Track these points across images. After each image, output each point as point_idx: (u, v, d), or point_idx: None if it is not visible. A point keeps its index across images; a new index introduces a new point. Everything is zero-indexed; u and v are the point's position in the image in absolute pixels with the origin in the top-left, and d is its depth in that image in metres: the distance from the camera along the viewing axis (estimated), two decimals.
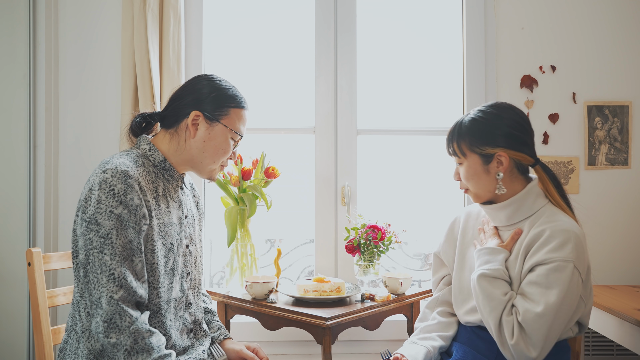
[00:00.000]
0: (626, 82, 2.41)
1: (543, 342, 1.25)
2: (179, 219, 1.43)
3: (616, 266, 2.39)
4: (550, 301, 1.24)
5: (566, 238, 1.28)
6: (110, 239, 1.23)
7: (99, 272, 1.22)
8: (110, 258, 1.23)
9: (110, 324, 1.21)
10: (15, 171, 2.24)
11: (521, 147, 1.38)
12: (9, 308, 2.23)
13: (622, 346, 2.18)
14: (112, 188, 1.25)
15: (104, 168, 1.28)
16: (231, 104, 1.41)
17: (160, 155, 1.39)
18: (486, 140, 1.37)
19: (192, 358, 1.40)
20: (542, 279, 1.27)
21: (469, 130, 1.39)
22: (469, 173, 1.40)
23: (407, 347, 1.49)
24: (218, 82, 1.43)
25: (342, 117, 2.39)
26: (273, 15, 2.53)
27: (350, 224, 2.20)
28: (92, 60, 2.35)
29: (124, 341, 1.22)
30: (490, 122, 1.38)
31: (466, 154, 1.40)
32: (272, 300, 1.85)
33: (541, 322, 1.24)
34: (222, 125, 1.40)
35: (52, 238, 2.29)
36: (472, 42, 2.41)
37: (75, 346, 1.31)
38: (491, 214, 1.43)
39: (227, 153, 1.43)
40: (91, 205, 1.25)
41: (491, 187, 1.39)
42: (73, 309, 1.35)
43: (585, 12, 2.42)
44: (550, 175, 1.40)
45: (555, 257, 1.26)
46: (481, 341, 1.41)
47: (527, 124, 1.41)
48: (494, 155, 1.36)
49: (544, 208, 1.38)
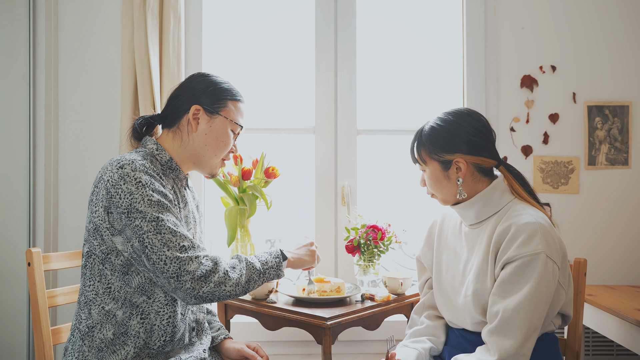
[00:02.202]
0: (626, 82, 2.41)
1: (524, 335, 1.25)
2: (186, 218, 1.45)
3: (616, 266, 2.39)
4: (524, 294, 1.26)
5: (532, 231, 1.29)
6: (161, 220, 1.26)
7: (166, 249, 1.24)
8: (172, 234, 1.26)
9: (203, 279, 1.26)
10: (15, 171, 2.24)
11: (480, 151, 1.41)
12: (9, 308, 2.23)
13: (622, 346, 2.18)
14: (138, 180, 1.27)
15: (120, 164, 1.29)
16: (228, 97, 1.45)
17: (167, 154, 1.42)
18: (444, 148, 1.41)
19: (193, 357, 1.41)
20: (514, 276, 1.28)
21: (428, 138, 1.43)
22: (432, 180, 1.45)
23: (398, 350, 1.51)
24: (213, 78, 1.47)
25: (342, 117, 2.39)
26: (273, 16, 2.53)
27: (350, 224, 2.20)
28: (92, 60, 2.35)
29: (223, 272, 1.29)
30: (447, 130, 1.42)
31: (426, 161, 1.44)
32: (272, 300, 1.85)
33: (519, 316, 1.26)
34: (222, 117, 1.43)
35: (52, 238, 2.29)
36: (472, 41, 2.41)
37: (80, 344, 1.32)
38: (461, 213, 1.46)
39: (228, 145, 1.46)
40: (122, 198, 1.26)
41: (454, 192, 1.43)
42: (79, 308, 1.36)
43: (586, 12, 2.42)
44: (515, 174, 1.44)
45: (525, 252, 1.28)
46: (469, 344, 1.43)
47: (485, 129, 1.44)
48: (452, 162, 1.40)
49: (510, 203, 1.40)
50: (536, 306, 1.26)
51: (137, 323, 1.32)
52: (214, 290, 1.27)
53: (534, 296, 1.26)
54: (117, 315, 1.31)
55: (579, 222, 2.38)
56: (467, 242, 1.45)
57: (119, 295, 1.32)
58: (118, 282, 1.32)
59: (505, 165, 1.45)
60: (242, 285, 1.32)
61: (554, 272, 1.29)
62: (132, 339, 1.31)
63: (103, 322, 1.31)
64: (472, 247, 1.43)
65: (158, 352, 1.35)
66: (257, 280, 1.36)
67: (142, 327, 1.32)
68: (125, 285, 1.32)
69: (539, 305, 1.26)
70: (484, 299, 1.36)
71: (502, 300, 1.29)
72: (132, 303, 1.32)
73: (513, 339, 1.25)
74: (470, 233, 1.45)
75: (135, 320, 1.32)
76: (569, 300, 1.40)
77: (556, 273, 1.30)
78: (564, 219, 2.37)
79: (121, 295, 1.31)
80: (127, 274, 1.32)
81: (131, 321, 1.32)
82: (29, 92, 2.24)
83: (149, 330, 1.33)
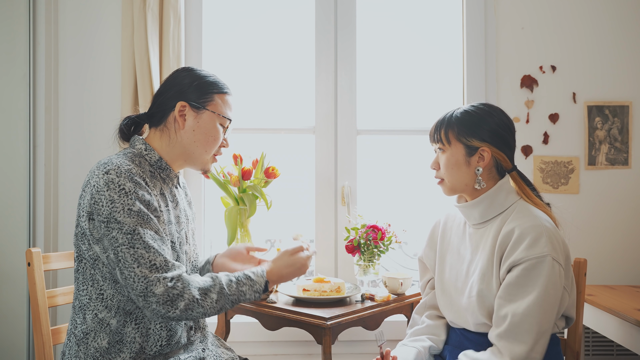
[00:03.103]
0: (626, 82, 2.41)
1: (534, 338, 1.25)
2: (177, 218, 1.43)
3: (616, 266, 2.39)
4: (533, 297, 1.26)
5: (538, 233, 1.29)
6: (138, 233, 1.23)
7: (136, 265, 1.21)
8: (145, 250, 1.22)
9: (170, 303, 1.22)
10: (15, 171, 2.24)
11: (504, 147, 1.42)
12: (9, 308, 2.23)
13: (622, 346, 2.18)
14: (122, 187, 1.24)
15: (105, 169, 1.26)
16: (214, 90, 1.41)
17: (156, 154, 1.39)
18: (473, 133, 1.40)
19: (192, 357, 1.40)
20: (521, 279, 1.28)
21: (458, 121, 1.43)
22: (450, 162, 1.43)
23: (398, 349, 1.51)
24: (197, 72, 1.43)
25: (342, 117, 2.39)
26: (273, 16, 2.53)
27: (350, 224, 2.19)
28: (92, 60, 2.35)
29: (190, 299, 1.24)
30: (480, 117, 1.42)
31: (452, 142, 1.43)
32: (272, 300, 1.85)
33: (529, 320, 1.25)
34: (209, 111, 1.39)
35: (52, 238, 2.29)
36: (472, 42, 2.41)
37: (75, 349, 1.31)
38: (465, 212, 1.46)
39: (217, 140, 1.42)
40: (104, 206, 1.23)
41: (467, 180, 1.42)
42: (74, 313, 1.35)
43: (586, 12, 2.42)
44: (526, 181, 1.45)
45: (531, 254, 1.28)
46: (470, 343, 1.43)
47: (513, 128, 1.46)
48: (478, 149, 1.40)
49: (515, 204, 1.41)
50: (545, 310, 1.26)
51: (133, 329, 1.30)
52: (181, 315, 1.24)
53: (543, 300, 1.25)
54: (112, 324, 1.29)
55: (579, 222, 2.38)
56: (471, 242, 1.45)
57: (111, 303, 1.29)
58: (110, 289, 1.29)
59: (518, 173, 1.45)
60: (214, 310, 1.28)
61: (560, 274, 1.28)
62: (128, 345, 1.30)
63: (97, 330, 1.29)
64: (477, 248, 1.42)
65: (156, 355, 1.34)
66: (231, 305, 1.31)
67: (138, 332, 1.31)
68: (118, 294, 1.29)
69: (547, 309, 1.26)
70: (488, 301, 1.35)
71: (509, 304, 1.28)
72: (126, 311, 1.30)
73: (524, 344, 1.25)
74: (475, 233, 1.45)
75: (130, 327, 1.30)
76: (572, 302, 1.39)
77: (562, 275, 1.30)
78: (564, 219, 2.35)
79: (114, 303, 1.29)
80: (117, 282, 1.29)
81: (126, 328, 1.30)
82: (29, 92, 2.24)
83: (145, 335, 1.31)
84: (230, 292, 1.30)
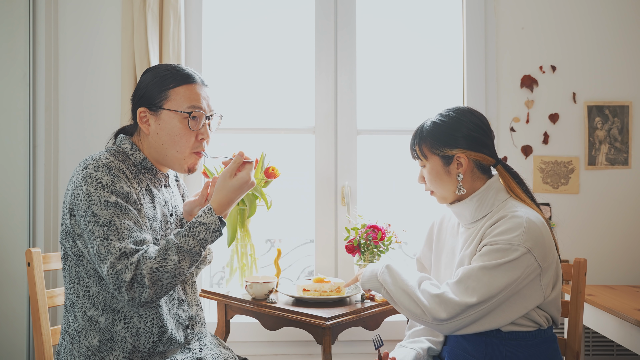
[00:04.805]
0: (626, 82, 2.41)
1: (468, 301, 1.27)
2: (164, 216, 1.42)
3: (616, 266, 2.39)
4: (491, 264, 1.28)
5: (516, 224, 1.30)
6: (113, 225, 1.21)
7: (110, 256, 1.19)
8: (119, 242, 1.20)
9: (135, 283, 1.19)
10: (15, 171, 2.24)
11: (480, 148, 1.42)
12: (9, 308, 2.23)
13: (622, 346, 2.18)
14: (99, 181, 1.24)
15: (84, 165, 1.27)
16: (169, 86, 1.33)
17: (142, 154, 1.38)
18: (446, 142, 1.42)
19: (189, 357, 1.39)
20: (485, 256, 1.31)
21: (429, 133, 1.44)
22: (432, 175, 1.45)
23: (396, 350, 1.51)
24: (155, 70, 1.37)
25: (342, 117, 2.39)
26: (273, 15, 2.53)
27: (350, 224, 2.19)
28: (92, 60, 2.35)
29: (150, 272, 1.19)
30: (449, 125, 1.43)
31: (427, 156, 1.45)
32: (272, 300, 1.85)
33: (479, 275, 1.28)
34: (166, 110, 1.33)
35: (52, 238, 2.29)
36: (472, 42, 2.41)
37: (70, 348, 1.31)
38: (457, 212, 1.47)
39: (185, 137, 1.34)
40: (81, 200, 1.23)
41: (453, 188, 1.44)
42: (66, 312, 1.35)
43: (586, 12, 2.42)
44: (512, 173, 1.46)
45: (502, 239, 1.30)
46: (468, 342, 1.43)
47: (486, 126, 1.46)
48: (453, 157, 1.41)
49: (504, 202, 1.41)
50: (498, 284, 1.27)
51: (122, 328, 1.30)
52: (156, 291, 1.21)
53: (498, 272, 1.28)
54: (100, 322, 1.29)
55: (579, 222, 2.38)
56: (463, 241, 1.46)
57: (98, 301, 1.29)
58: (95, 286, 1.29)
59: (503, 165, 1.46)
60: (183, 269, 1.24)
61: (529, 267, 1.29)
62: (119, 344, 1.29)
63: (87, 328, 1.29)
64: (465, 243, 1.44)
65: (150, 353, 1.33)
66: (199, 257, 1.26)
67: (128, 332, 1.30)
68: (103, 291, 1.29)
69: (499, 284, 1.27)
70: None
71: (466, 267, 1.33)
72: (113, 308, 1.30)
73: (460, 295, 1.29)
74: (466, 232, 1.46)
75: (119, 326, 1.30)
76: (553, 304, 1.37)
77: (534, 269, 1.29)
78: (564, 219, 2.37)
79: (100, 301, 1.29)
80: (102, 278, 1.29)
81: (115, 327, 1.30)
82: (29, 92, 2.24)
83: (135, 334, 1.31)
84: (189, 245, 1.25)
